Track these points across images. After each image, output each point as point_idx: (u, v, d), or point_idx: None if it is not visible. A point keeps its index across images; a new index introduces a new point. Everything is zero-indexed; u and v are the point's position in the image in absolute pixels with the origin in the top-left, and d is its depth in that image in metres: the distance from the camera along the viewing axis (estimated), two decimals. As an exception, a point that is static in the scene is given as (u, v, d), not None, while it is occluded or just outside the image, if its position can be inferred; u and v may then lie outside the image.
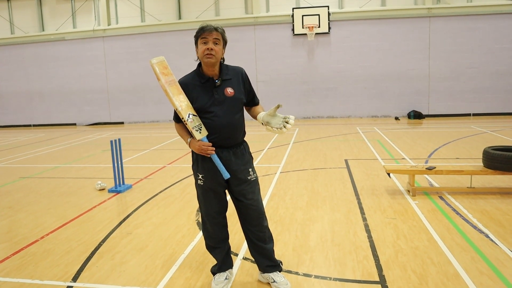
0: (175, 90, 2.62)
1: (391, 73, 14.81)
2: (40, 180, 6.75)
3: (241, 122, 2.76)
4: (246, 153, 2.81)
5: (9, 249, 3.79)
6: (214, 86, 2.66)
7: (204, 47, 2.57)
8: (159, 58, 2.66)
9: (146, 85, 16.40)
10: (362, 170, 6.45)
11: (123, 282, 3.06)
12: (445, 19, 14.31)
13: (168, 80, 2.63)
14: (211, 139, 2.65)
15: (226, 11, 15.77)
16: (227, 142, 2.69)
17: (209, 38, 2.57)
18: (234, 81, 2.71)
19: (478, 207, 4.42)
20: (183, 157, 8.28)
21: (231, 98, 2.67)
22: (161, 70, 2.63)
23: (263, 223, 2.84)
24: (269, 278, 2.89)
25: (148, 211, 4.81)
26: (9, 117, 17.95)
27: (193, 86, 2.68)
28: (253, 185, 2.79)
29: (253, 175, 2.81)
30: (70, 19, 17.02)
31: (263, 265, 2.91)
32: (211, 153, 2.60)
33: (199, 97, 2.65)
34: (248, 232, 2.87)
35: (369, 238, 3.70)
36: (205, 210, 2.86)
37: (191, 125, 2.59)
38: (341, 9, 15.02)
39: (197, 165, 2.77)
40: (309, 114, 15.50)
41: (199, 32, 2.61)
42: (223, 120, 2.64)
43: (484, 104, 14.41)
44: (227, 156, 2.69)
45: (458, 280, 2.88)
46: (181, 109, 2.58)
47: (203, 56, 2.59)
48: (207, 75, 2.67)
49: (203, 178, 2.75)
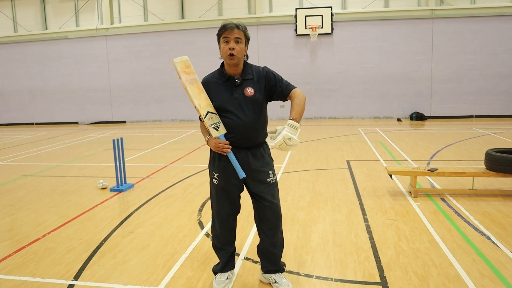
0: (195, 89, 2.62)
1: (393, 74, 14.80)
2: (42, 178, 6.76)
3: (261, 122, 2.70)
4: (266, 154, 2.76)
5: (10, 247, 3.80)
6: (234, 85, 2.65)
7: (226, 46, 2.56)
8: (183, 58, 2.68)
9: (148, 84, 16.44)
10: (364, 171, 6.44)
11: (124, 281, 3.07)
12: (448, 20, 14.30)
13: (189, 78, 2.63)
14: (228, 138, 2.63)
15: (229, 11, 15.78)
16: (245, 143, 2.66)
17: (230, 37, 2.55)
18: (256, 81, 2.68)
19: (479, 209, 4.41)
20: (184, 156, 8.28)
21: (251, 98, 2.64)
22: (183, 69, 2.63)
23: (279, 227, 2.80)
24: (271, 279, 2.89)
25: (149, 210, 4.82)
26: (12, 115, 18.00)
27: (215, 84, 2.68)
28: (272, 188, 2.75)
29: (273, 177, 2.76)
30: (73, 18, 17.06)
31: (266, 268, 2.90)
32: (227, 151, 2.58)
33: (218, 95, 2.65)
34: (262, 234, 2.83)
35: (371, 239, 3.70)
36: (216, 210, 2.84)
37: (208, 123, 2.59)
38: (344, 10, 15.01)
39: (213, 164, 2.75)
40: (311, 114, 15.49)
41: (220, 31, 2.59)
42: (242, 120, 2.61)
43: (487, 106, 14.39)
44: (245, 157, 2.66)
45: (459, 282, 2.88)
46: (200, 107, 2.58)
47: (226, 57, 2.58)
48: (228, 73, 2.67)
49: (218, 178, 2.73)
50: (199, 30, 15.84)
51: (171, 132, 12.81)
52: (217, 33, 2.64)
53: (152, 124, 16.05)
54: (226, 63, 2.65)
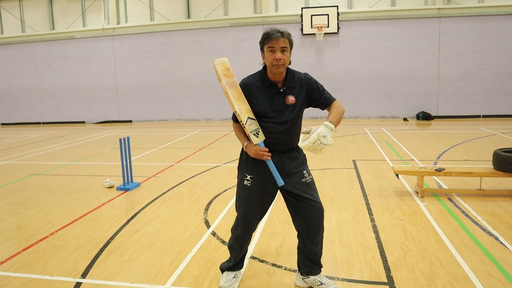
0: (235, 93, 2.58)
1: (400, 73, 14.72)
2: (49, 177, 6.81)
3: (298, 128, 2.69)
4: (300, 155, 2.75)
5: (19, 245, 3.83)
6: (276, 93, 2.61)
7: (272, 56, 2.51)
8: (222, 60, 2.62)
9: (154, 84, 16.50)
10: (370, 171, 6.42)
11: (131, 279, 3.08)
12: (456, 19, 14.19)
13: (230, 82, 2.58)
14: (265, 142, 2.61)
15: (234, 11, 15.78)
16: (282, 148, 2.65)
17: (276, 46, 2.50)
18: (297, 89, 2.64)
19: (487, 209, 4.38)
20: (191, 155, 8.30)
21: (292, 106, 2.61)
22: (223, 72, 2.58)
23: (321, 225, 2.75)
24: (315, 281, 2.81)
25: (156, 209, 4.83)
26: (20, 115, 18.16)
27: (256, 88, 2.63)
28: (310, 186, 2.71)
29: (308, 176, 2.73)
30: (80, 18, 17.16)
31: (308, 268, 2.82)
32: (267, 158, 2.55)
33: (259, 100, 2.61)
34: (303, 233, 2.75)
35: (377, 239, 3.69)
36: (243, 213, 2.78)
37: (249, 129, 2.56)
38: (350, 9, 14.96)
39: (246, 165, 2.71)
40: (317, 114, 15.44)
41: (265, 40, 2.54)
42: (281, 126, 2.59)
43: (494, 106, 14.27)
44: (279, 160, 2.64)
45: (467, 282, 2.86)
46: (240, 112, 2.54)
47: (272, 66, 2.54)
48: (271, 80, 2.63)
49: (251, 179, 2.69)
50: (205, 30, 15.86)
51: (177, 132, 12.85)
52: (261, 41, 2.59)
53: (158, 124, 16.10)
54: (270, 71, 2.60)
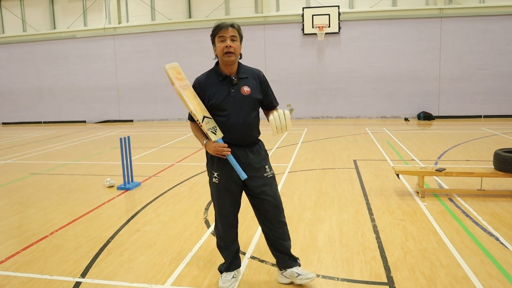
0: (189, 94, 2.66)
1: (401, 73, 14.71)
2: (50, 176, 6.82)
3: (256, 121, 2.76)
4: (261, 150, 2.82)
5: (19, 244, 3.83)
6: (231, 84, 2.68)
7: (223, 44, 2.59)
8: (173, 64, 2.71)
9: (155, 83, 16.50)
10: (371, 170, 6.41)
11: (131, 279, 3.08)
12: (457, 19, 14.17)
13: (182, 84, 2.67)
14: (226, 137, 2.66)
15: (236, 10, 15.78)
16: (242, 141, 2.70)
17: (226, 35, 2.59)
18: (251, 80, 2.73)
19: (488, 210, 4.37)
20: (191, 155, 8.30)
21: (247, 96, 2.68)
22: (175, 75, 2.67)
23: (281, 219, 2.84)
24: (293, 274, 2.86)
25: (156, 208, 4.83)
26: (20, 114, 18.18)
27: (210, 84, 2.70)
28: (270, 181, 2.80)
29: (270, 172, 2.81)
30: (81, 17, 17.17)
31: (284, 261, 2.88)
32: (227, 153, 2.61)
33: (216, 94, 2.67)
34: (267, 230, 2.86)
35: (377, 239, 3.68)
36: (219, 209, 2.86)
37: (206, 127, 2.62)
38: (352, 9, 14.95)
39: (212, 163, 2.77)
40: (318, 114, 15.46)
41: (215, 30, 2.64)
42: (238, 118, 2.65)
43: (495, 106, 14.25)
44: (244, 154, 2.70)
45: (467, 283, 2.85)
46: (196, 112, 2.61)
47: (223, 54, 2.61)
48: (224, 73, 2.69)
49: (218, 177, 2.76)
50: (206, 29, 15.84)
51: (178, 131, 12.86)
52: (212, 33, 2.67)
53: (159, 123, 16.11)
54: (222, 62, 2.67)
